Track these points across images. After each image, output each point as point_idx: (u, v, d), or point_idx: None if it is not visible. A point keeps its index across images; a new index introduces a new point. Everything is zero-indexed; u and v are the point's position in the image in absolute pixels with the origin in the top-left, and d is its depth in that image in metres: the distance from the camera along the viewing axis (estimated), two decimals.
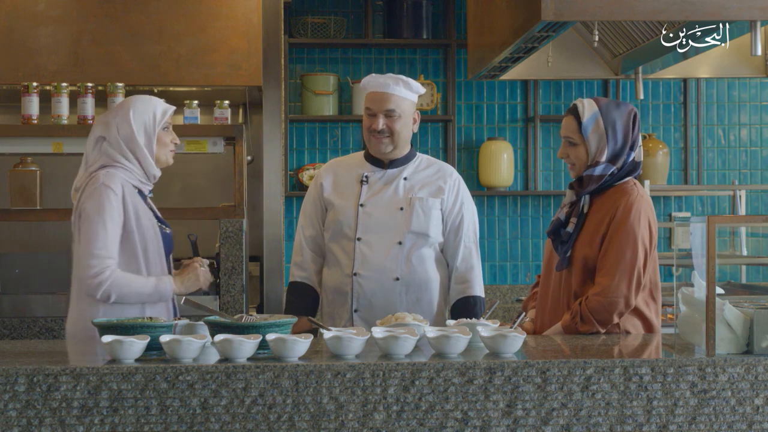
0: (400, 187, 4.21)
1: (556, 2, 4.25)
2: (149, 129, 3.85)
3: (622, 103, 3.81)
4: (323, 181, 4.30)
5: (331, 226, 4.23)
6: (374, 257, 4.14)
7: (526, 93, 6.98)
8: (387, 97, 4.15)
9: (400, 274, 4.14)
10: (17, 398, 2.85)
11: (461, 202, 4.25)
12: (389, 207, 4.19)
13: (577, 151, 3.76)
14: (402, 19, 6.81)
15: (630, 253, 3.62)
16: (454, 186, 4.26)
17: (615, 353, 3.25)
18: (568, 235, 3.75)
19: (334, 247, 4.22)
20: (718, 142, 7.07)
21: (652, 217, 3.72)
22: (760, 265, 6.73)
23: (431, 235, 4.18)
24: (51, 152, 5.23)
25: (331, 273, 4.23)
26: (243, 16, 5.49)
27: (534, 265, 6.95)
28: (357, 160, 4.32)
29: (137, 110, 3.86)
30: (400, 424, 2.91)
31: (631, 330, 3.68)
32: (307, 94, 6.76)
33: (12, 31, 5.43)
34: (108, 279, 3.68)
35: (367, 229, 4.17)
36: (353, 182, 4.25)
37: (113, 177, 3.78)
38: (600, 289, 3.62)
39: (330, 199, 4.25)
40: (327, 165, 4.42)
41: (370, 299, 4.13)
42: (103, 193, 3.73)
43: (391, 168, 4.25)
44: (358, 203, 4.20)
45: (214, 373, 2.88)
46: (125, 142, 3.82)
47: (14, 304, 5.28)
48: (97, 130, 3.89)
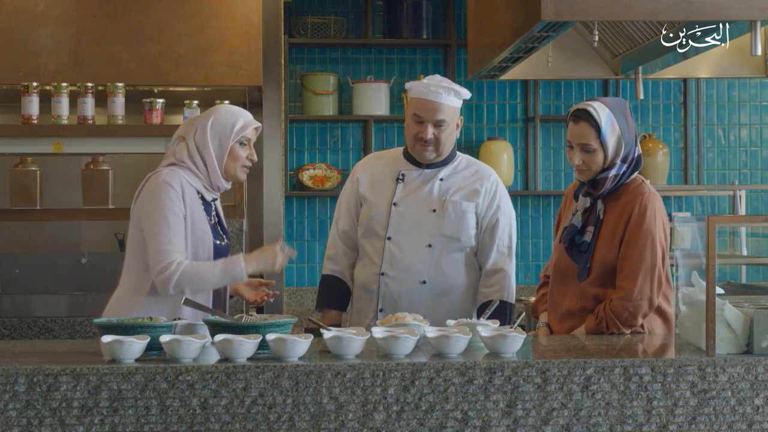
0: (435, 188, 4.13)
1: (556, 2, 4.25)
2: (224, 140, 3.81)
3: (616, 99, 3.80)
4: (360, 176, 4.23)
5: (364, 222, 4.17)
6: (403, 258, 4.09)
7: (526, 93, 6.98)
8: (437, 107, 4.03)
9: (427, 278, 4.07)
10: (17, 398, 2.85)
11: (497, 206, 4.14)
12: (422, 208, 4.11)
13: (594, 157, 3.69)
14: (402, 19, 6.82)
15: (650, 254, 3.62)
16: (491, 189, 4.15)
17: (615, 353, 3.25)
18: (587, 244, 3.72)
19: (365, 243, 4.17)
20: (718, 142, 7.07)
21: (664, 214, 3.72)
22: (760, 265, 6.74)
23: (462, 239, 4.10)
24: (51, 152, 5.23)
25: (362, 269, 4.18)
26: (243, 16, 5.49)
27: (534, 265, 6.96)
28: (395, 156, 4.24)
29: (218, 119, 3.82)
30: (400, 424, 2.91)
31: (656, 329, 3.68)
32: (307, 94, 6.76)
33: (12, 31, 5.43)
34: (177, 272, 3.63)
35: (398, 229, 4.11)
36: (389, 179, 4.18)
37: (174, 174, 3.76)
38: (624, 293, 3.62)
39: (365, 194, 4.18)
40: (365, 159, 4.38)
41: (395, 300, 4.07)
42: (162, 190, 3.70)
43: (429, 168, 4.16)
44: (392, 201, 4.14)
45: (214, 373, 2.88)
46: (198, 146, 3.80)
47: (14, 304, 5.28)
48: (181, 129, 3.87)
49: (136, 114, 5.34)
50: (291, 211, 6.84)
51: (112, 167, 5.28)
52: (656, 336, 3.64)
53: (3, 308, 5.26)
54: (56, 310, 5.24)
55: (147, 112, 5.27)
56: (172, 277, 3.64)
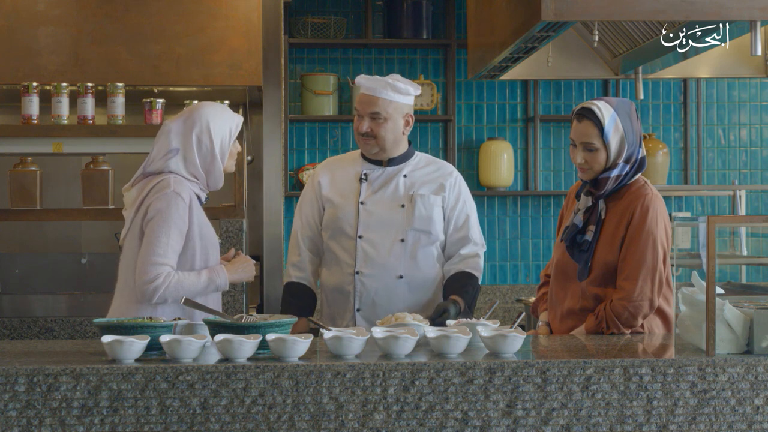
0: (401, 184, 4.20)
1: (556, 2, 4.25)
2: (225, 144, 3.84)
3: (622, 99, 3.80)
4: (320, 179, 4.27)
5: (330, 225, 4.21)
6: (377, 255, 4.13)
7: (526, 93, 6.98)
8: (373, 101, 4.13)
9: (403, 272, 4.13)
10: (17, 398, 2.85)
11: (463, 201, 4.23)
12: (390, 204, 4.17)
13: (596, 157, 3.69)
14: (402, 19, 6.81)
15: (651, 255, 3.63)
16: (455, 184, 4.24)
17: (615, 353, 3.25)
18: (588, 243, 3.72)
19: (333, 245, 4.20)
20: (718, 142, 7.07)
21: (666, 216, 3.72)
22: (760, 265, 6.73)
23: (433, 232, 4.16)
24: (51, 152, 5.22)
25: (331, 272, 4.21)
26: (243, 16, 5.49)
27: (534, 265, 6.95)
28: (354, 159, 4.31)
29: (217, 125, 3.82)
30: (400, 424, 2.91)
31: (655, 329, 3.70)
32: (307, 94, 6.76)
33: (12, 31, 5.42)
34: (163, 285, 3.67)
35: (369, 227, 4.15)
36: (352, 180, 4.23)
37: (182, 184, 3.76)
38: (624, 294, 3.63)
39: (328, 196, 4.23)
40: (323, 163, 4.41)
41: (373, 298, 4.12)
42: (173, 201, 3.71)
43: (390, 166, 4.23)
44: (359, 201, 4.19)
45: (214, 373, 2.88)
46: (202, 156, 3.81)
47: (14, 304, 5.28)
48: (172, 139, 3.81)
49: (136, 114, 5.34)
50: (291, 211, 6.84)
51: (112, 167, 5.28)
52: (656, 336, 3.64)
53: (3, 308, 5.26)
54: (56, 310, 5.24)
55: (147, 112, 5.27)
56: (158, 290, 3.68)
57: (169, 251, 3.70)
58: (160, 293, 3.68)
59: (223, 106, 3.94)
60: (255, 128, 6.00)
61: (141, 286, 3.68)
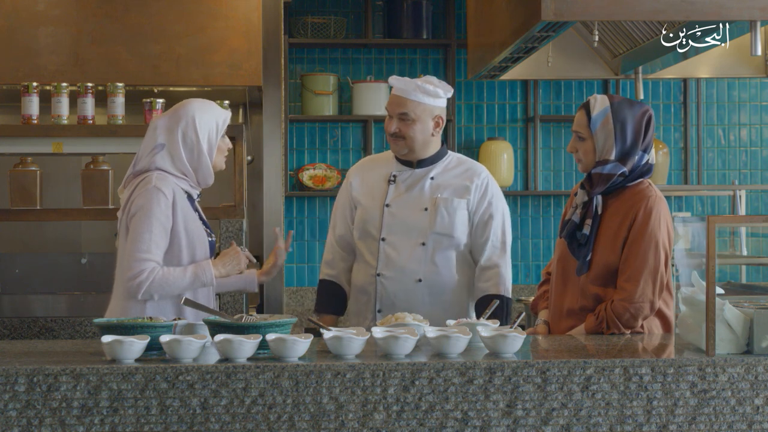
0: (426, 187, 4.19)
1: (556, 2, 4.25)
2: (212, 138, 3.84)
3: (638, 102, 3.79)
4: (353, 180, 4.31)
5: (358, 226, 4.24)
6: (398, 258, 4.14)
7: (526, 93, 6.98)
8: (402, 102, 4.14)
9: (422, 276, 4.13)
10: (17, 398, 2.85)
11: (489, 201, 4.19)
12: (414, 207, 4.17)
13: (585, 146, 3.75)
14: (402, 19, 6.81)
15: (653, 257, 3.63)
16: (482, 185, 4.20)
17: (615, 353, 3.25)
18: (585, 237, 3.73)
19: (361, 246, 4.23)
20: (718, 142, 7.07)
21: (669, 219, 3.72)
22: (760, 265, 6.73)
23: (455, 236, 4.14)
24: (51, 152, 5.22)
25: (359, 272, 4.24)
26: (243, 16, 5.49)
27: (534, 265, 6.95)
28: (387, 159, 4.30)
29: (203, 120, 3.83)
30: (400, 424, 2.91)
31: (655, 330, 3.70)
32: (307, 94, 6.76)
33: (12, 31, 5.42)
34: (147, 280, 3.68)
35: (392, 230, 4.16)
36: (381, 181, 4.25)
37: (165, 180, 3.76)
38: (625, 295, 3.63)
39: (358, 198, 4.26)
40: (358, 164, 4.44)
41: (392, 300, 4.13)
42: (154, 196, 3.72)
43: (420, 167, 4.23)
44: (384, 203, 4.20)
45: (214, 373, 2.88)
46: (188, 151, 3.81)
47: (14, 304, 5.28)
48: (158, 135, 3.83)
49: (136, 114, 5.33)
50: (291, 211, 6.84)
51: (112, 167, 5.28)
52: (656, 336, 3.64)
53: (3, 308, 5.26)
54: (56, 310, 5.24)
55: (147, 112, 5.26)
56: (142, 285, 3.69)
57: (153, 246, 3.70)
58: (144, 289, 3.68)
59: (210, 102, 3.94)
60: (255, 128, 6.00)
61: (126, 282, 3.69)
